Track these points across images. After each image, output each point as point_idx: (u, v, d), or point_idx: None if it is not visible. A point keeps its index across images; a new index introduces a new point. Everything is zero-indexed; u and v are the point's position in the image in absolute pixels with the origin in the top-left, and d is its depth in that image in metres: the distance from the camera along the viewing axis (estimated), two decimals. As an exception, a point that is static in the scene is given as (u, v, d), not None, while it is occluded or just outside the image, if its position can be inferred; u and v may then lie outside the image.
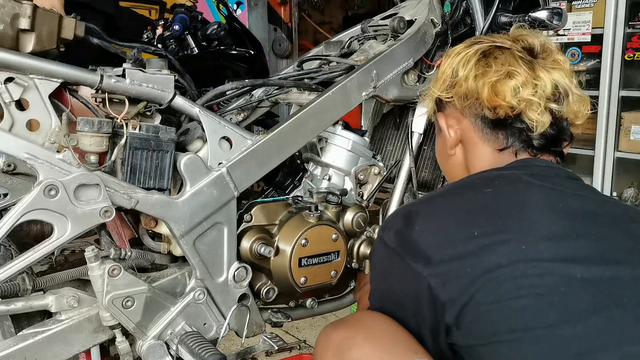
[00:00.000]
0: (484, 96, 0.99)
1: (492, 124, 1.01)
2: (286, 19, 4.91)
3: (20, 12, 1.01)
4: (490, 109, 0.99)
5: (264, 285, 1.34)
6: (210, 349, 1.11)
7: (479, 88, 0.99)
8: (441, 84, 1.07)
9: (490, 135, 1.02)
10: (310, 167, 1.53)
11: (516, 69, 0.98)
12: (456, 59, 1.05)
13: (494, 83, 0.98)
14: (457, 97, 1.03)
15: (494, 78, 0.98)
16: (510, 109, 0.98)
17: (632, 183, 3.18)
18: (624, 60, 3.08)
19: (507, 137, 1.00)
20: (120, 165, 1.14)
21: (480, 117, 1.01)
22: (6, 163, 1.19)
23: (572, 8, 3.25)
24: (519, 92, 0.96)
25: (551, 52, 1.03)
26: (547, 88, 0.98)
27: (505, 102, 0.97)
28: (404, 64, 1.49)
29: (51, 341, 1.10)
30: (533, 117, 0.97)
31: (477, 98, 1.00)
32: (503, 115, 0.99)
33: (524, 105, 0.97)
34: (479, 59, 1.02)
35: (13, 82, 1.03)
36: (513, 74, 0.98)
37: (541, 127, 0.98)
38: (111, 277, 1.10)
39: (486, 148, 1.02)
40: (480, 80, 0.99)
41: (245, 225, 1.31)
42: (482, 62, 1.01)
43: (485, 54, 1.02)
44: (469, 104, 1.02)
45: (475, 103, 1.01)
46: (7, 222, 1.03)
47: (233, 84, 1.39)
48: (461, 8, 1.60)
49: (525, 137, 1.00)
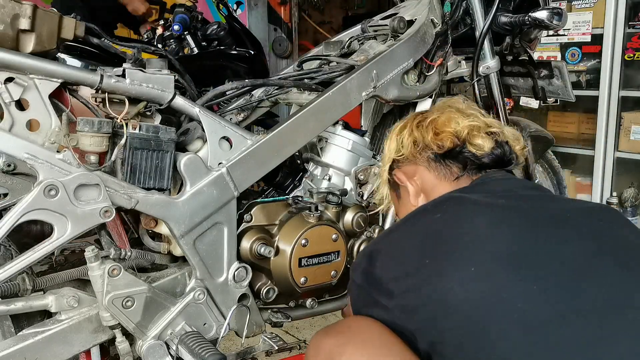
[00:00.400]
0: (429, 136, 1.09)
1: (443, 158, 1.08)
2: (286, 19, 4.90)
3: (21, 12, 1.01)
4: (438, 145, 1.08)
5: (264, 285, 1.34)
6: (210, 349, 1.11)
7: (423, 132, 1.10)
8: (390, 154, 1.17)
9: (444, 170, 1.08)
10: (310, 167, 1.53)
11: (449, 112, 1.11)
12: (395, 131, 1.17)
13: (434, 121, 1.10)
14: (407, 151, 1.12)
15: (432, 117, 1.11)
16: (455, 137, 1.06)
17: (632, 183, 3.17)
18: (624, 60, 3.08)
19: (460, 166, 1.07)
20: (120, 165, 1.14)
21: (432, 157, 1.09)
22: (6, 163, 1.19)
23: (572, 8, 3.25)
24: (459, 122, 1.08)
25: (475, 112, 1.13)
26: (480, 120, 1.10)
27: (449, 129, 1.07)
28: (404, 64, 1.49)
29: (51, 341, 1.10)
30: (477, 142, 1.05)
31: (424, 140, 1.09)
32: (451, 145, 1.06)
33: (466, 133, 1.06)
34: (415, 117, 1.16)
35: (13, 82, 1.04)
36: (448, 112, 1.11)
37: (487, 149, 1.05)
38: (111, 277, 1.10)
39: (444, 184, 1.08)
40: (421, 125, 1.11)
41: (245, 225, 1.31)
42: (418, 117, 1.15)
43: (419, 114, 1.17)
44: (419, 150, 1.10)
45: (424, 147, 1.10)
46: (7, 222, 1.03)
47: (233, 84, 1.39)
48: (461, 8, 1.60)
49: (476, 161, 1.06)
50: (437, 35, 1.57)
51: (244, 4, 4.52)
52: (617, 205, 3.12)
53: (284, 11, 4.88)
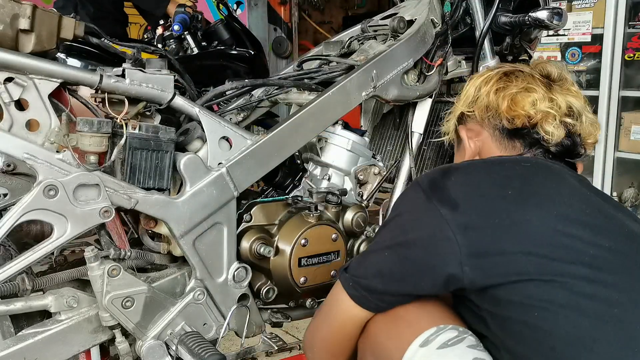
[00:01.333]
0: (503, 107, 1.06)
1: (510, 134, 1.07)
2: (286, 19, 4.91)
3: (20, 12, 1.01)
4: (508, 119, 1.06)
5: (263, 285, 1.34)
6: (210, 349, 1.11)
7: (499, 100, 1.07)
8: (464, 100, 1.15)
9: (507, 143, 1.08)
10: (310, 167, 1.53)
11: (534, 86, 1.07)
12: (479, 79, 1.14)
13: (513, 95, 1.06)
14: (479, 110, 1.10)
15: (513, 90, 1.07)
16: (527, 119, 1.04)
17: (632, 183, 3.18)
18: (624, 60, 3.08)
19: (524, 145, 1.06)
20: (119, 165, 1.14)
21: (499, 128, 1.08)
22: (6, 163, 1.19)
23: (572, 8, 3.25)
24: (537, 105, 1.04)
25: (566, 81, 1.11)
26: (562, 106, 1.05)
27: (523, 112, 1.04)
28: (403, 64, 1.49)
29: (51, 341, 1.10)
30: (548, 129, 1.04)
31: (497, 110, 1.07)
32: (520, 125, 1.05)
33: (540, 117, 1.04)
34: (501, 77, 1.11)
35: (12, 82, 1.03)
36: (531, 90, 1.06)
37: (557, 138, 1.04)
38: (111, 278, 1.10)
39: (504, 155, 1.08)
40: (500, 94, 1.07)
41: (245, 225, 1.31)
42: (503, 79, 1.10)
43: (506, 74, 1.11)
44: (489, 116, 1.09)
45: (495, 114, 1.08)
46: (6, 222, 1.03)
47: (233, 84, 1.39)
48: (461, 8, 1.60)
49: (542, 146, 1.05)
50: (437, 35, 1.56)
51: (244, 4, 4.52)
52: (617, 205, 3.12)
53: (284, 11, 4.89)
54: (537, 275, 0.82)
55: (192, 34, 2.55)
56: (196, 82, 1.40)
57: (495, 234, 0.86)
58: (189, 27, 2.53)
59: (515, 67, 1.13)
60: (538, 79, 1.09)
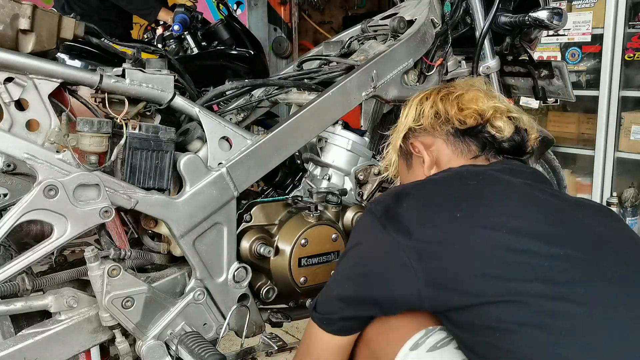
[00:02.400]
0: (453, 111, 1.08)
1: (463, 134, 1.08)
2: (286, 19, 4.90)
3: (20, 12, 1.01)
4: (460, 120, 1.07)
5: (263, 285, 1.34)
6: (210, 349, 1.11)
7: (447, 106, 1.10)
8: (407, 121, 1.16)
9: (462, 146, 1.08)
10: (310, 167, 1.53)
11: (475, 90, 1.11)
12: (416, 100, 1.16)
13: (459, 96, 1.10)
14: (427, 121, 1.11)
15: (459, 92, 1.10)
16: (479, 116, 1.06)
17: (632, 183, 3.17)
18: (624, 60, 3.07)
19: (479, 146, 1.08)
20: (120, 166, 1.14)
21: (452, 132, 1.09)
22: (6, 163, 1.19)
23: (572, 8, 3.24)
24: (485, 100, 1.08)
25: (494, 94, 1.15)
26: (504, 104, 1.10)
27: (475, 107, 1.07)
28: (404, 64, 1.49)
29: (51, 341, 1.10)
30: (499, 124, 1.06)
31: (447, 115, 1.09)
32: (473, 123, 1.07)
33: (490, 113, 1.06)
34: (440, 90, 1.15)
35: (12, 82, 1.03)
36: (473, 90, 1.11)
37: (507, 133, 1.06)
38: (111, 278, 1.10)
39: (460, 160, 1.08)
40: (446, 100, 1.11)
41: (245, 225, 1.31)
42: (443, 91, 1.14)
43: (444, 87, 1.16)
44: (440, 123, 1.10)
45: (445, 120, 1.09)
46: (6, 222, 1.03)
47: (233, 84, 1.39)
48: (461, 8, 1.60)
49: (496, 144, 1.07)
50: (437, 35, 1.57)
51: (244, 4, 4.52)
52: (617, 206, 3.12)
53: (284, 11, 4.88)
54: (495, 297, 0.83)
55: (192, 34, 2.55)
56: (196, 82, 1.40)
57: (450, 260, 0.87)
58: (189, 27, 2.53)
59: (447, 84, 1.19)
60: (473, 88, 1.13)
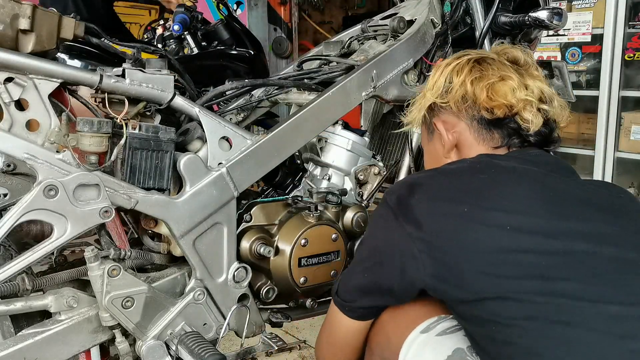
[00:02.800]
0: (482, 98, 1.03)
1: (488, 124, 1.05)
2: (286, 19, 4.91)
3: (20, 12, 1.01)
4: (488, 109, 1.04)
5: (263, 285, 1.34)
6: (210, 349, 1.11)
7: (477, 91, 1.04)
8: (435, 91, 1.10)
9: (486, 134, 1.05)
10: (310, 167, 1.53)
11: (509, 74, 1.04)
12: (448, 68, 1.09)
13: (491, 85, 1.03)
14: (454, 101, 1.07)
15: (491, 80, 1.04)
16: (508, 109, 1.03)
17: (632, 183, 3.17)
18: (624, 60, 3.08)
19: (503, 136, 1.05)
20: (120, 165, 1.14)
21: (477, 119, 1.05)
22: (6, 163, 1.19)
23: (572, 8, 3.25)
24: (516, 93, 1.02)
25: (531, 65, 1.10)
26: (535, 92, 1.04)
27: (505, 101, 1.02)
28: (403, 64, 1.49)
29: (50, 341, 1.10)
30: (528, 117, 1.02)
31: (475, 100, 1.04)
32: (501, 115, 1.03)
33: (521, 105, 1.02)
34: (473, 66, 1.07)
35: (12, 82, 1.03)
36: (507, 78, 1.04)
37: (535, 126, 1.03)
38: (111, 278, 1.10)
39: (481, 147, 1.06)
40: (477, 84, 1.04)
41: (245, 225, 1.31)
42: (476, 68, 1.07)
43: (477, 61, 1.08)
44: (466, 107, 1.06)
45: (472, 105, 1.05)
46: (6, 222, 1.03)
47: (233, 84, 1.39)
48: (461, 8, 1.60)
49: (522, 136, 1.04)
50: (437, 35, 1.57)
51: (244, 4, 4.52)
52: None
53: (284, 11, 4.89)
54: (492, 294, 0.84)
55: (192, 34, 2.55)
56: (196, 82, 1.40)
57: (454, 255, 0.88)
58: (189, 27, 2.53)
59: (481, 54, 1.10)
60: (509, 66, 1.07)
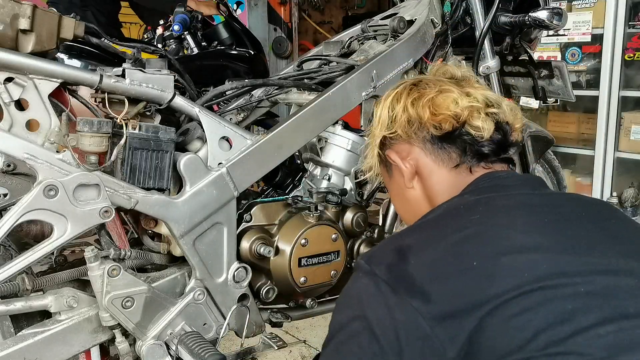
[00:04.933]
0: (426, 116, 1.00)
1: (441, 141, 1.01)
2: (286, 19, 4.90)
3: (20, 12, 1.01)
4: (435, 126, 1.00)
5: (263, 285, 1.34)
6: (210, 349, 1.11)
7: (419, 111, 1.01)
8: (381, 125, 1.07)
9: (442, 154, 1.01)
10: (310, 167, 1.53)
11: (447, 87, 1.02)
12: (388, 100, 1.07)
13: (431, 100, 1.01)
14: (401, 128, 1.03)
15: (430, 95, 1.01)
16: (455, 119, 0.99)
17: (632, 183, 3.17)
18: (624, 60, 3.08)
19: (459, 152, 1.01)
20: (120, 165, 1.14)
21: (428, 139, 1.02)
22: (6, 163, 1.19)
23: (572, 8, 3.24)
24: (459, 102, 0.99)
25: (470, 78, 1.08)
26: (479, 99, 1.01)
27: (448, 112, 0.99)
28: (403, 64, 1.49)
29: (50, 341, 1.10)
30: (477, 124, 0.98)
31: (420, 120, 1.01)
32: (449, 128, 0.99)
33: (467, 113, 0.99)
34: (411, 89, 1.05)
35: (12, 82, 1.03)
36: (446, 90, 1.01)
37: (487, 133, 0.98)
38: (111, 278, 1.10)
39: (442, 170, 1.02)
40: (417, 104, 1.02)
41: (245, 225, 1.31)
42: (414, 90, 1.04)
43: (414, 84, 1.06)
44: (414, 130, 1.02)
45: (419, 126, 1.02)
46: (6, 222, 1.03)
47: (233, 84, 1.39)
48: (461, 8, 1.60)
49: (476, 149, 1.00)
50: (437, 35, 1.57)
51: (244, 4, 4.52)
52: (617, 205, 3.12)
53: (284, 11, 4.89)
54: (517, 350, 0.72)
55: (192, 34, 2.55)
56: (196, 82, 1.40)
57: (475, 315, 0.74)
58: (189, 27, 2.53)
59: (418, 78, 1.09)
60: (447, 81, 1.05)
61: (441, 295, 0.77)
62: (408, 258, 0.82)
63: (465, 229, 0.84)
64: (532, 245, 0.79)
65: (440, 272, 0.79)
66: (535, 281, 0.75)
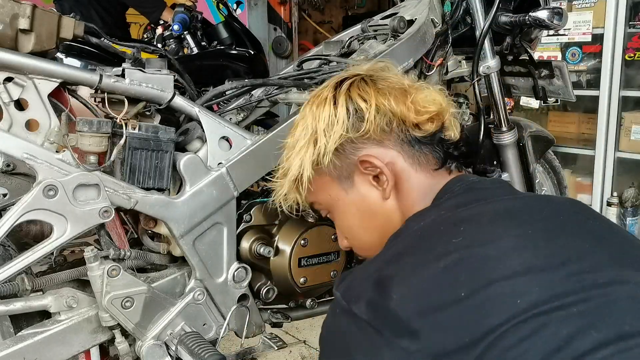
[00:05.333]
0: (411, 115, 0.90)
1: (419, 142, 0.91)
2: (286, 19, 4.90)
3: (20, 12, 1.01)
4: (418, 126, 0.91)
5: (263, 286, 1.34)
6: (210, 350, 1.11)
7: (401, 108, 0.90)
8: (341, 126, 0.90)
9: (421, 158, 0.92)
10: (310, 167, 1.53)
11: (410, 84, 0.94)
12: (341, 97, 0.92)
13: (414, 96, 0.91)
14: (373, 127, 0.90)
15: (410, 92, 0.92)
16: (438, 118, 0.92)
17: (633, 183, 3.17)
18: (625, 60, 3.07)
19: (435, 156, 0.93)
20: (119, 165, 1.14)
21: (406, 141, 0.91)
22: (5, 163, 1.19)
23: (572, 8, 3.24)
24: (440, 97, 0.93)
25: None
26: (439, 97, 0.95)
27: (433, 108, 0.91)
28: (403, 64, 1.48)
29: (50, 341, 1.10)
30: (448, 125, 0.94)
31: (403, 119, 0.90)
32: (432, 128, 0.92)
33: (449, 113, 0.94)
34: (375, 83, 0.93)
35: (12, 82, 1.03)
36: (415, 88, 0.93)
37: (456, 134, 0.94)
38: (110, 278, 1.10)
39: (420, 175, 0.92)
40: (398, 100, 0.91)
41: (244, 225, 1.30)
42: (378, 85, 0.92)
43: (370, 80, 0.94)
44: (392, 130, 0.91)
45: (399, 125, 0.91)
46: (6, 222, 1.03)
47: (233, 84, 1.39)
48: (461, 8, 1.60)
49: (450, 152, 0.93)
50: (437, 35, 1.56)
51: (244, 4, 4.51)
52: (618, 206, 3.12)
53: (284, 11, 4.88)
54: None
55: (192, 34, 2.55)
56: (196, 82, 1.40)
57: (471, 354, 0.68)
58: (189, 27, 2.53)
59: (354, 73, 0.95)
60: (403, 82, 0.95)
61: (430, 332, 0.70)
62: (390, 292, 0.73)
63: (449, 254, 0.75)
64: (522, 267, 0.72)
65: (426, 306, 0.71)
66: (530, 308, 0.69)
